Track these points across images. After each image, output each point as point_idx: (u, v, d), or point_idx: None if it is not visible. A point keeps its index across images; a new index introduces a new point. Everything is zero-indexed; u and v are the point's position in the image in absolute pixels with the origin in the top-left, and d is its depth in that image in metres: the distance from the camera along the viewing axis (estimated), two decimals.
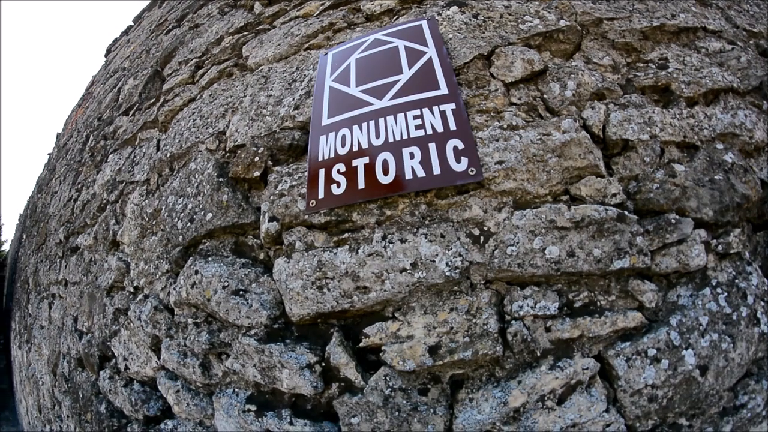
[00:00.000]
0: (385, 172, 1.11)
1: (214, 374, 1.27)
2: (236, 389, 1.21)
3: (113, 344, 1.77)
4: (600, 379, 1.02)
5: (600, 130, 1.21)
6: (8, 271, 14.03)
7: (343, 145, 1.18)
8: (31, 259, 5.61)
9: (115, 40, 5.64)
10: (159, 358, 1.49)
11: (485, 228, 1.07)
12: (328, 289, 1.08)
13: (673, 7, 1.48)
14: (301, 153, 1.30)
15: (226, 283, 1.21)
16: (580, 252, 1.05)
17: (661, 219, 1.11)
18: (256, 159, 1.33)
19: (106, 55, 5.85)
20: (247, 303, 1.17)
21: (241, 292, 1.19)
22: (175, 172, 1.67)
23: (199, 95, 1.83)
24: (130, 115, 2.55)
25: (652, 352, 1.02)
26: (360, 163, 1.14)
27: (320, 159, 1.18)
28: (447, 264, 1.04)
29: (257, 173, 1.31)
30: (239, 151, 1.41)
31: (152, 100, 2.29)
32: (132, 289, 1.69)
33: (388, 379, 1.03)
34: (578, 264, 1.04)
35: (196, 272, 1.29)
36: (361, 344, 1.06)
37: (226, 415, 1.17)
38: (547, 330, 1.03)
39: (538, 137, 1.15)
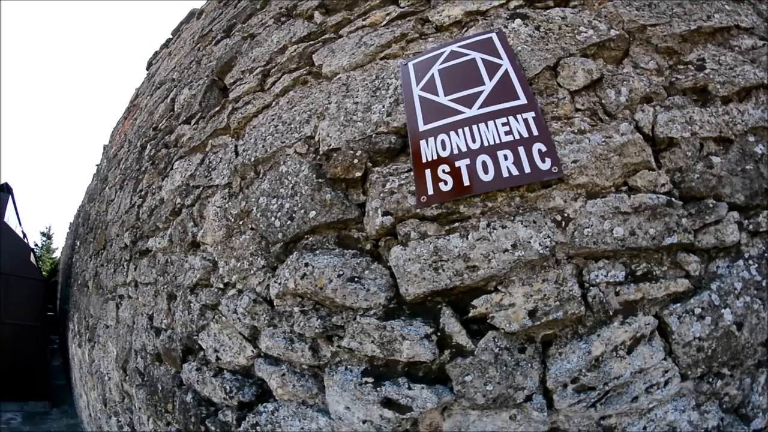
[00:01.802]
0: (485, 171, 1.26)
1: (322, 356, 1.37)
2: (348, 366, 1.31)
3: (201, 338, 1.82)
4: (658, 335, 1.22)
5: (649, 130, 1.36)
6: (61, 276, 14.34)
7: (444, 149, 1.31)
8: (90, 263, 5.68)
9: (155, 54, 5.69)
10: (254, 348, 1.57)
11: (565, 214, 1.24)
12: (443, 270, 1.22)
13: (708, 8, 1.55)
14: (395, 155, 1.41)
15: (341, 272, 1.33)
16: (639, 231, 1.24)
17: (701, 204, 1.31)
18: (356, 161, 1.43)
19: (147, 68, 5.91)
20: (364, 287, 1.29)
21: (356, 279, 1.31)
22: (261, 175, 1.73)
23: (274, 102, 1.87)
24: (192, 123, 2.58)
25: (697, 311, 1.23)
26: (462, 164, 1.28)
27: (424, 161, 1.30)
28: (539, 244, 1.20)
29: (358, 174, 1.42)
30: (335, 154, 1.49)
31: (217, 109, 2.31)
32: (221, 286, 1.75)
33: (495, 340, 1.19)
34: (638, 241, 1.23)
35: (306, 264, 1.39)
36: (470, 315, 1.21)
37: (341, 390, 1.27)
38: (617, 294, 1.22)
39: (603, 140, 1.30)
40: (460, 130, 1.33)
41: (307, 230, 1.46)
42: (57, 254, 30.31)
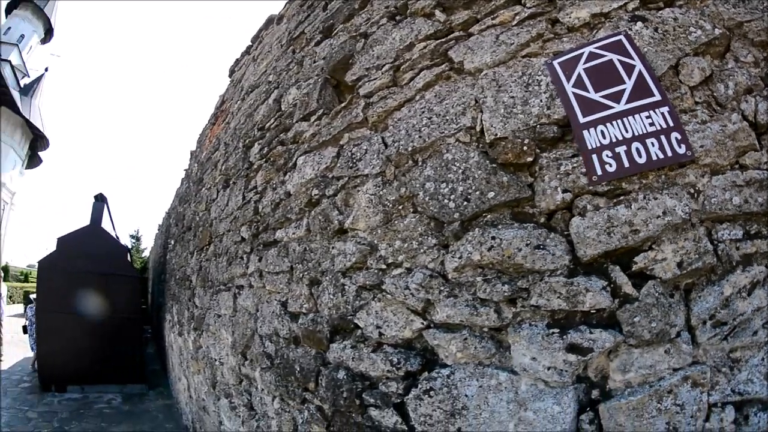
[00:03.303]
0: (639, 156, 1.47)
1: (504, 317, 1.51)
2: (531, 323, 1.47)
3: (359, 317, 1.93)
4: None
5: (752, 117, 1.60)
6: (151, 273, 15.10)
7: (604, 138, 1.50)
8: (191, 260, 5.89)
9: (237, 61, 5.88)
10: (424, 320, 1.70)
11: (697, 188, 1.49)
12: (614, 234, 1.43)
13: None
14: (556, 142, 1.57)
15: (528, 242, 1.49)
16: (751, 200, 1.54)
17: None
18: (525, 148, 1.57)
19: (230, 76, 6.09)
20: (550, 252, 1.46)
21: (541, 246, 1.47)
22: (420, 163, 1.83)
23: (418, 96, 1.94)
24: (311, 120, 2.67)
25: None
26: (621, 150, 1.48)
27: (590, 147, 1.50)
28: (681, 211, 1.45)
29: (529, 159, 1.57)
30: (503, 143, 1.61)
31: (343, 104, 2.39)
32: (383, 266, 1.85)
33: (654, 287, 1.42)
34: (750, 207, 1.53)
35: (493, 238, 1.54)
36: (633, 269, 1.43)
37: (528, 343, 1.44)
38: (737, 248, 1.51)
39: (720, 128, 1.54)
40: (614, 122, 1.52)
41: (485, 209, 1.60)
42: (146, 254, 32.33)
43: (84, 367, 9.02)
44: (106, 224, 11.01)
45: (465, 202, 1.62)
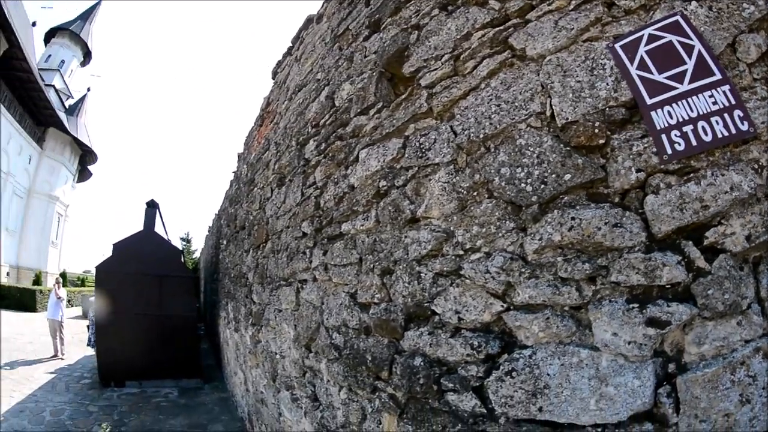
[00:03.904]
0: (705, 134, 1.50)
1: (585, 295, 1.57)
2: (611, 299, 1.52)
3: (436, 303, 2.00)
4: None
5: None
6: (203, 273, 15.69)
7: (671, 118, 1.54)
8: (246, 258, 6.07)
9: (279, 63, 6.02)
10: (503, 303, 1.76)
11: (760, 163, 1.50)
12: (686, 210, 1.47)
13: None
14: (624, 123, 1.61)
15: (606, 221, 1.54)
16: None
17: None
18: (597, 131, 1.62)
19: (273, 77, 6.20)
20: (627, 230, 1.52)
21: (618, 225, 1.53)
22: (492, 149, 1.88)
23: (483, 84, 1.98)
24: (370, 114, 2.77)
25: None
26: (688, 129, 1.52)
27: (658, 128, 1.54)
28: (747, 185, 1.46)
29: (601, 141, 1.61)
30: (574, 126, 1.66)
31: (403, 96, 2.47)
32: (461, 252, 1.92)
33: (726, 260, 1.46)
34: None
35: (573, 218, 1.59)
36: (704, 244, 1.47)
37: (609, 319, 1.50)
38: None
39: None
40: (679, 103, 1.55)
41: (562, 191, 1.65)
42: (196, 255, 33.99)
43: (142, 363, 9.68)
44: (158, 229, 11.58)
45: (542, 185, 1.68)
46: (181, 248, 24.01)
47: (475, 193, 1.89)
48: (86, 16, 46.13)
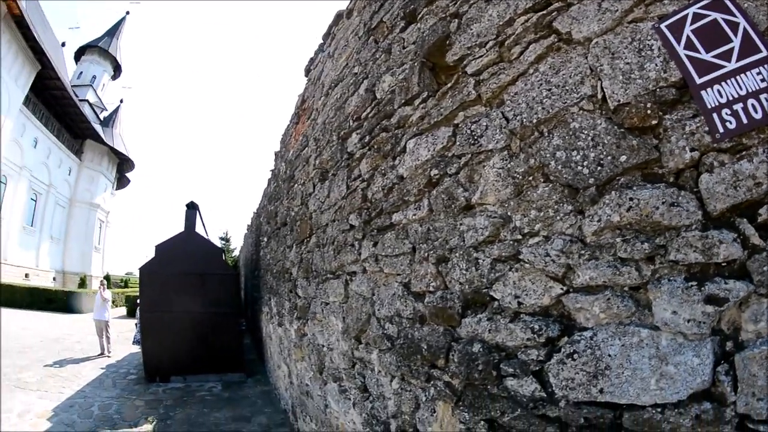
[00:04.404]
0: (755, 111, 1.47)
1: (644, 275, 1.59)
2: (670, 278, 1.54)
3: (495, 289, 2.06)
4: None
5: None
6: (243, 270, 16.14)
7: (721, 96, 1.53)
8: (289, 253, 6.23)
9: (312, 60, 6.15)
10: (563, 285, 1.80)
11: None
12: (739, 188, 1.44)
13: None
14: (675, 104, 1.61)
15: (664, 200, 1.56)
16: None
17: None
18: (649, 111, 1.63)
19: (306, 75, 6.31)
20: (684, 209, 1.53)
21: (675, 204, 1.54)
22: (545, 134, 1.92)
23: (531, 70, 2.02)
24: (415, 104, 2.84)
25: None
26: (738, 107, 1.49)
27: (709, 107, 1.54)
28: None
29: (654, 122, 1.62)
30: (626, 108, 1.68)
31: (449, 85, 2.53)
32: (519, 237, 1.97)
33: None
34: None
35: (631, 199, 1.62)
36: (758, 221, 1.43)
37: (669, 298, 1.51)
38: None
39: None
40: (728, 81, 1.52)
41: (618, 173, 1.68)
42: (235, 253, 35.49)
43: (186, 358, 10.25)
44: (199, 229, 12.01)
45: (599, 168, 1.71)
46: (220, 246, 24.88)
47: (530, 178, 1.94)
48: (113, 32, 50.20)
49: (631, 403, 1.54)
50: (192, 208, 11.64)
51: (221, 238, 40.35)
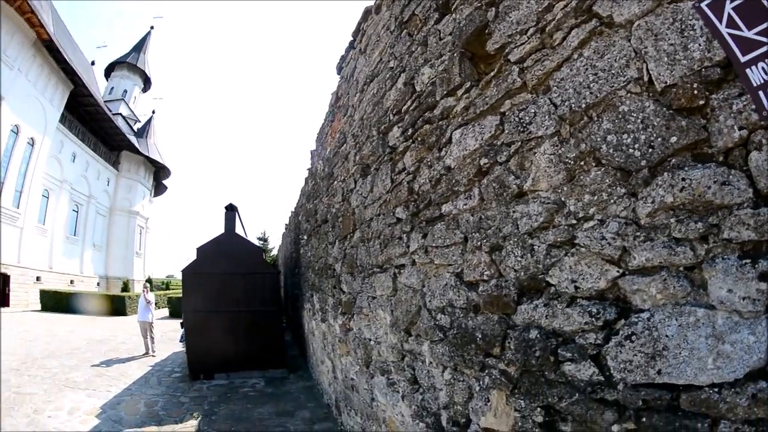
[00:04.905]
0: None
1: (698, 254, 1.61)
2: (723, 257, 1.55)
3: (551, 274, 2.12)
4: None
5: None
6: (283, 268, 16.57)
7: (766, 74, 1.52)
8: (332, 250, 6.38)
9: (343, 58, 6.28)
10: (618, 268, 1.84)
11: None
12: None
13: None
14: (720, 83, 1.62)
15: (715, 179, 1.57)
16: None
17: None
18: (696, 92, 1.64)
19: (339, 72, 6.49)
20: (735, 187, 1.53)
21: (726, 183, 1.55)
22: (595, 118, 1.96)
23: (576, 55, 2.06)
24: (458, 94, 2.92)
25: None
26: None
27: (754, 84, 1.52)
28: None
29: (701, 102, 1.64)
30: (673, 89, 1.70)
31: (491, 74, 2.59)
32: (573, 221, 2.02)
33: None
34: None
35: (683, 179, 1.64)
36: None
37: (724, 276, 1.52)
38: None
39: None
40: None
41: (669, 154, 1.70)
42: (273, 252, 36.81)
43: (229, 356, 10.75)
44: (238, 230, 12.42)
45: (650, 150, 1.74)
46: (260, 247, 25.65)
47: (582, 163, 1.98)
48: (139, 47, 54.66)
49: (689, 383, 1.56)
50: (231, 210, 12.18)
51: (259, 238, 41.81)
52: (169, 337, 17.66)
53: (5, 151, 27.85)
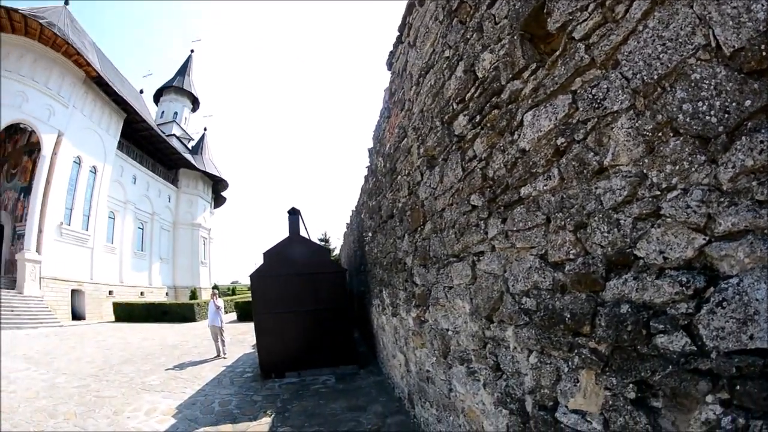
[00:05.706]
0: None
1: None
2: None
3: (639, 247, 2.16)
4: None
5: None
6: (347, 266, 17.13)
7: None
8: (401, 244, 6.58)
9: (392, 53, 6.46)
10: (705, 236, 1.87)
11: None
12: None
13: None
14: None
15: None
16: None
17: None
18: (765, 53, 1.64)
19: (389, 68, 6.71)
20: None
21: None
22: (668, 88, 2.01)
23: (641, 27, 2.11)
24: (524, 77, 3.02)
25: None
26: None
27: None
28: None
29: None
30: (742, 53, 1.71)
31: (557, 53, 2.68)
32: (657, 193, 2.07)
33: None
34: None
35: (761, 141, 1.66)
36: None
37: None
38: None
39: None
40: None
41: (745, 117, 1.71)
42: (335, 252, 38.54)
43: (299, 354, 11.41)
44: (302, 233, 13.05)
45: (725, 115, 1.77)
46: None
47: (660, 134, 2.02)
48: (183, 70, 60.32)
49: None
50: (294, 213, 12.87)
51: (320, 240, 43.57)
52: (239, 340, 18.68)
53: (71, 181, 32.56)
